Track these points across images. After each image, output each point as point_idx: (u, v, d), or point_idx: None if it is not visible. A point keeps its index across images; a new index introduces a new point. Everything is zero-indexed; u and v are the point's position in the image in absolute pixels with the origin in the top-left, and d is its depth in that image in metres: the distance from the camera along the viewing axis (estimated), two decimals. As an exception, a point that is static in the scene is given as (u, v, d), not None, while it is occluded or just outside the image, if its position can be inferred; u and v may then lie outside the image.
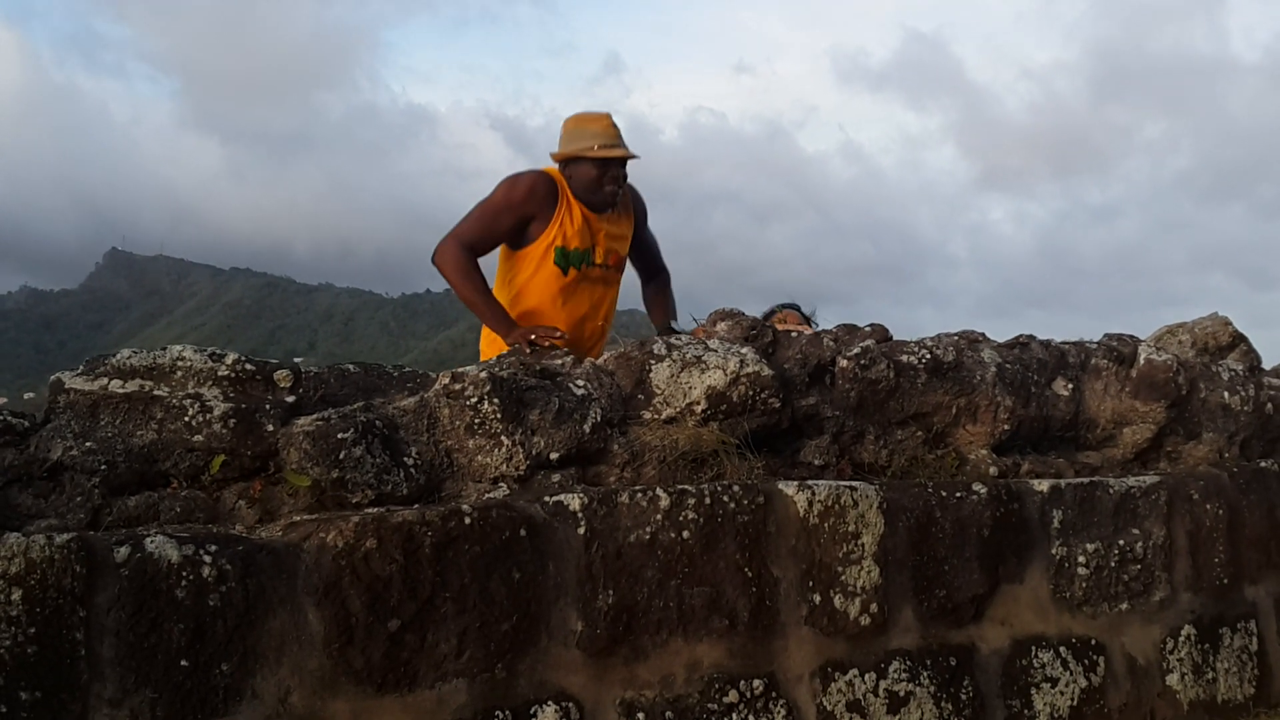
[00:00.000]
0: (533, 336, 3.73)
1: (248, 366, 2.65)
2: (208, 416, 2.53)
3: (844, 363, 3.33)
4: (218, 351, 2.65)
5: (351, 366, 2.93)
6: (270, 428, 2.57)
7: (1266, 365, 4.53)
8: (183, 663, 2.11)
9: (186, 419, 2.52)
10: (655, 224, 4.72)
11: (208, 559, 2.16)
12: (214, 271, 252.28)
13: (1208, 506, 3.62)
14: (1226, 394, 4.03)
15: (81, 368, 2.57)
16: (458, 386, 2.80)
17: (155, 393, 2.53)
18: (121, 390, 2.51)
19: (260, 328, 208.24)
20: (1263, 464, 3.92)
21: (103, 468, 2.41)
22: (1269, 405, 4.16)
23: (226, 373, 2.63)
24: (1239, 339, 4.63)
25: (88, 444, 2.43)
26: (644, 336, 3.31)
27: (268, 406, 2.60)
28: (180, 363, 2.60)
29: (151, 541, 2.13)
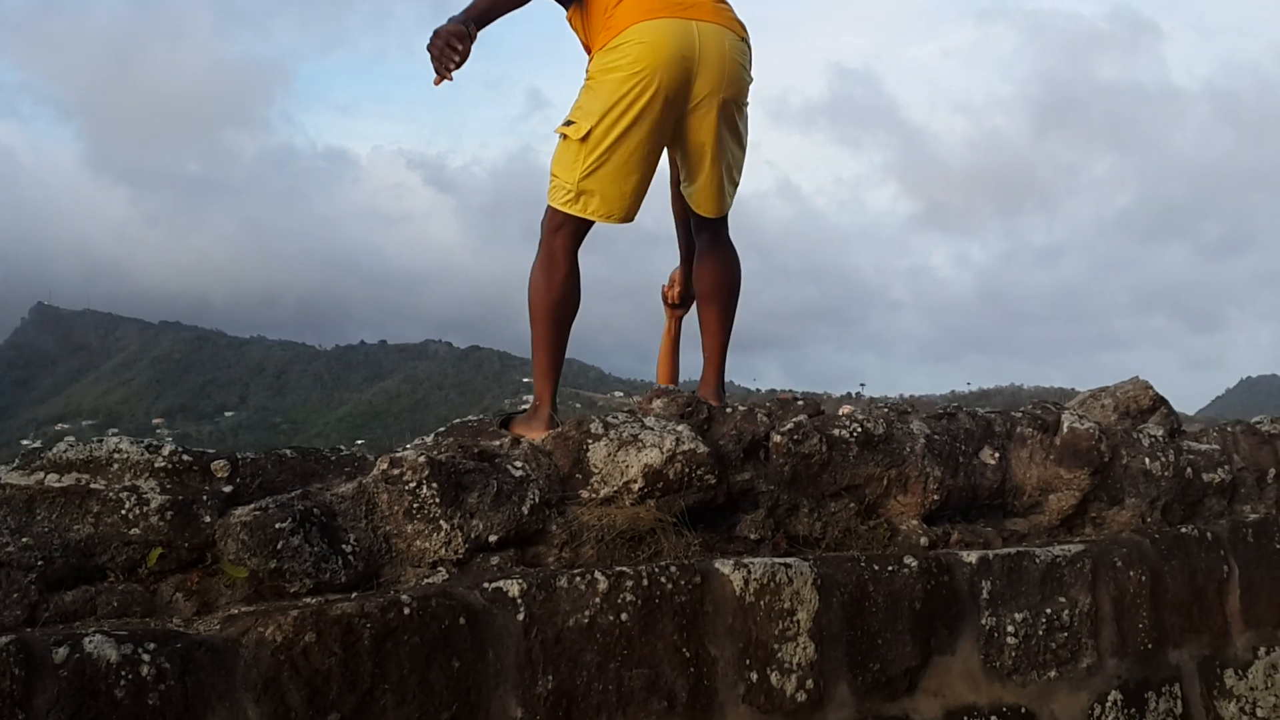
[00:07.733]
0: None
1: (185, 457, 2.66)
2: (145, 509, 2.52)
3: (777, 438, 3.40)
4: (154, 443, 2.65)
5: (289, 451, 2.94)
6: (207, 519, 2.58)
7: (1203, 404, 4.65)
8: (121, 763, 2.11)
9: (123, 512, 2.51)
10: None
11: (146, 657, 2.16)
12: (143, 325, 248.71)
13: (1131, 573, 3.72)
14: (1148, 460, 4.14)
15: (18, 461, 2.57)
16: (396, 471, 2.82)
17: (92, 486, 2.53)
18: (58, 484, 2.51)
19: (190, 382, 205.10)
20: (1183, 529, 4.03)
21: (39, 563, 2.40)
22: (1188, 470, 4.28)
23: (163, 464, 2.63)
24: (1159, 402, 4.77)
25: (24, 539, 2.42)
26: (582, 414, 3.35)
27: (205, 497, 2.61)
28: (117, 455, 2.60)
29: (90, 641, 2.12)
